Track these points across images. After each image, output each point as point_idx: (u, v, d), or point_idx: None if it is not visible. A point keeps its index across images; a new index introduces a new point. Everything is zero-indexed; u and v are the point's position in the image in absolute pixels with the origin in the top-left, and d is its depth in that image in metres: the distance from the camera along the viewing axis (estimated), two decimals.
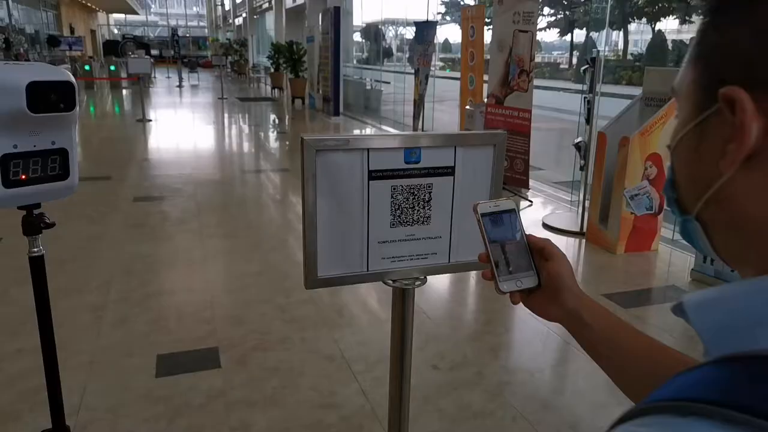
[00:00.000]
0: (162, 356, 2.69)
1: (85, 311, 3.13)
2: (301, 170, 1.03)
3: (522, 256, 0.78)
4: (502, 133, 1.13)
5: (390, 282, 1.15)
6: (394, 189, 1.09)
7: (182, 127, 10.91)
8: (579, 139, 4.66)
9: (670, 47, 14.82)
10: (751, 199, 0.39)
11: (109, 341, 2.83)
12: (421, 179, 1.09)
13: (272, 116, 13.21)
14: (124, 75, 17.23)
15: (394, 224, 1.11)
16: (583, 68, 4.56)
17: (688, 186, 0.45)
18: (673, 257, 4.25)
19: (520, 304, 0.78)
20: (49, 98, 0.99)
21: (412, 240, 1.13)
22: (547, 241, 0.79)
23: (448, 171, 1.10)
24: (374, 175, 1.07)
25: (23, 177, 1.06)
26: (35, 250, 1.26)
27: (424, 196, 1.10)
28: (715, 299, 0.39)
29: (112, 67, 17.10)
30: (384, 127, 11.10)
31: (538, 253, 0.78)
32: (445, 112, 11.52)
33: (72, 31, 25.02)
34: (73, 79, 1.07)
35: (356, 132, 10.97)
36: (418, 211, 1.11)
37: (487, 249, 0.78)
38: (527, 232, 0.79)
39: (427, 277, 1.17)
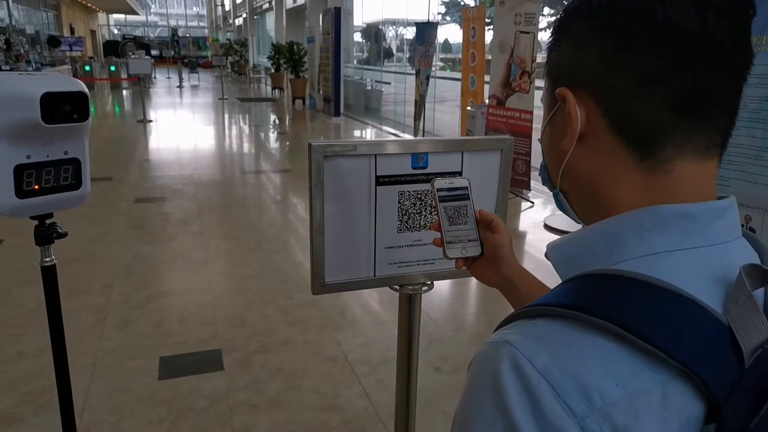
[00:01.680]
0: (165, 358, 2.69)
1: (88, 313, 3.13)
2: (308, 176, 1.03)
3: (470, 228, 0.90)
4: (509, 138, 1.12)
5: (397, 287, 1.15)
6: (401, 194, 1.08)
7: (183, 127, 10.91)
8: None
9: None
10: (584, 168, 0.53)
11: (111, 343, 2.83)
12: (428, 184, 1.09)
13: (273, 117, 13.21)
14: (124, 75, 17.23)
15: (401, 230, 1.11)
16: None
17: (550, 165, 0.58)
18: None
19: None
20: (62, 109, 0.98)
21: (419, 245, 1.13)
22: (495, 216, 0.92)
23: (455, 176, 1.10)
24: (381, 180, 1.06)
25: (36, 187, 1.06)
26: (47, 259, 1.26)
27: (432, 201, 1.10)
28: (567, 240, 0.55)
29: (113, 68, 17.09)
30: (384, 128, 11.10)
31: (486, 225, 0.91)
32: (445, 113, 11.52)
33: (72, 31, 25.01)
34: (86, 90, 1.07)
35: (357, 133, 10.97)
36: (425, 216, 1.11)
37: (440, 219, 0.88)
38: (479, 209, 0.91)
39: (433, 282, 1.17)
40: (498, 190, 1.15)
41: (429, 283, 1.16)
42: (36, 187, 1.04)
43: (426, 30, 7.83)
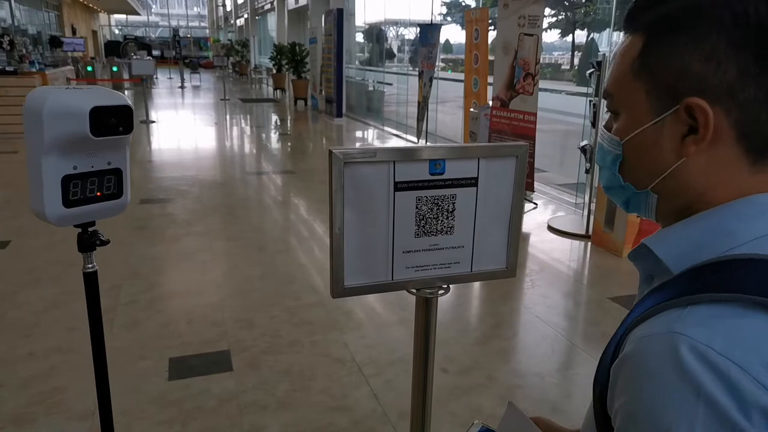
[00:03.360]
0: (174, 359, 2.71)
1: None
2: (328, 182, 1.05)
3: None
4: (524, 145, 1.14)
5: (413, 291, 1.17)
6: (419, 200, 1.10)
7: (186, 128, 10.93)
8: (585, 142, 4.68)
9: None
10: (694, 172, 0.56)
11: (121, 344, 2.85)
12: (445, 190, 1.11)
13: (275, 118, 13.23)
14: (126, 76, 17.25)
15: (418, 234, 1.13)
16: (588, 72, 4.58)
17: (643, 169, 0.60)
18: None
19: (529, 308, 0.89)
20: (109, 122, 1.01)
21: (435, 249, 1.15)
22: (510, 402, 0.92)
23: (472, 182, 1.12)
24: (400, 186, 1.09)
25: (81, 197, 1.09)
26: (89, 266, 1.29)
27: (448, 206, 1.12)
28: (670, 236, 0.58)
29: (115, 68, 17.10)
30: (387, 129, 11.12)
31: None
32: (447, 114, 11.53)
33: (74, 31, 25.03)
34: (130, 103, 1.10)
35: (359, 134, 10.99)
36: (441, 221, 1.13)
37: None
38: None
39: (450, 285, 1.19)
40: (513, 195, 1.17)
41: (445, 286, 1.18)
42: (81, 196, 1.07)
43: (429, 31, 7.85)
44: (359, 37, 15.77)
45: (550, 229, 4.86)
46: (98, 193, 1.11)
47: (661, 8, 0.57)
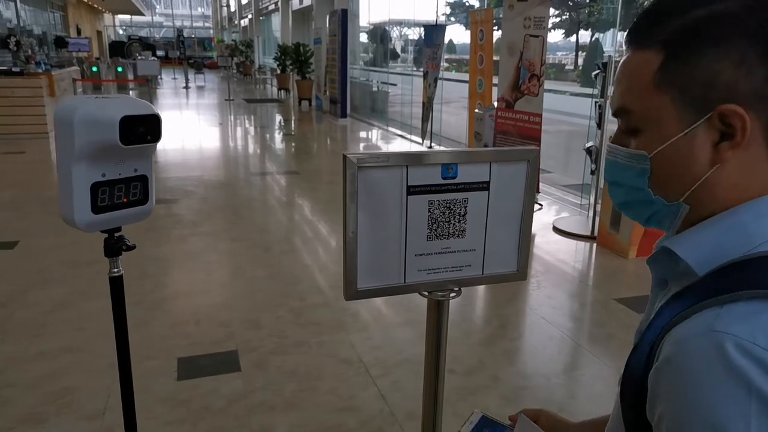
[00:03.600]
0: (182, 359, 2.73)
1: (105, 314, 3.17)
2: (342, 186, 1.07)
3: None
4: (535, 149, 1.16)
5: (425, 294, 1.19)
6: (431, 204, 1.12)
7: (191, 128, 10.97)
8: (590, 143, 4.68)
9: None
10: (725, 177, 0.57)
11: (130, 344, 2.87)
12: (457, 194, 1.13)
13: (279, 118, 13.26)
14: (130, 76, 17.30)
15: (430, 237, 1.14)
16: (594, 73, 4.58)
17: (675, 181, 0.60)
18: None
19: (535, 309, 0.90)
20: (138, 131, 1.03)
21: (447, 253, 1.16)
22: (521, 411, 0.94)
23: (484, 186, 1.14)
24: (412, 190, 1.10)
25: (109, 203, 1.11)
26: (115, 270, 1.32)
27: (460, 210, 1.14)
28: (692, 238, 0.59)
29: (120, 69, 17.17)
30: (391, 129, 11.13)
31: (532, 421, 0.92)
32: (450, 114, 11.55)
33: (78, 32, 25.11)
34: (158, 113, 1.12)
35: (363, 134, 11.01)
36: (453, 224, 1.14)
37: None
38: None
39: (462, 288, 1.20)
40: (523, 199, 1.18)
41: (457, 289, 1.19)
42: (109, 203, 1.10)
43: (434, 32, 7.86)
44: (363, 38, 15.80)
45: (555, 230, 4.87)
46: (125, 200, 1.13)
47: (675, 22, 0.57)
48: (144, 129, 1.05)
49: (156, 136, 1.09)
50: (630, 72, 0.61)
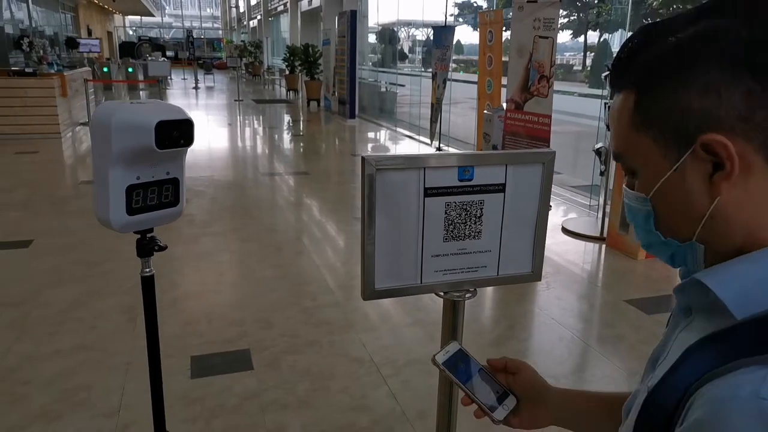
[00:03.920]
0: (196, 357, 2.76)
1: (119, 313, 3.21)
2: (361, 188, 1.09)
3: (492, 384, 0.84)
4: (551, 152, 1.17)
5: (441, 294, 1.20)
6: (448, 205, 1.14)
7: (201, 129, 11.03)
8: (599, 144, 4.68)
9: None
10: (733, 208, 0.52)
11: (144, 343, 2.89)
12: (473, 196, 1.14)
13: (288, 118, 13.31)
14: (141, 77, 17.42)
15: (447, 239, 1.16)
16: (603, 74, 4.58)
17: (679, 218, 0.56)
18: None
19: (545, 310, 0.86)
20: (172, 135, 1.07)
21: (463, 254, 1.18)
22: (503, 358, 0.88)
23: (500, 188, 1.16)
24: (429, 192, 1.12)
25: (143, 205, 1.14)
26: (147, 270, 1.36)
27: (476, 212, 1.16)
28: (731, 273, 0.52)
29: (130, 69, 17.29)
30: (399, 130, 11.15)
31: (502, 372, 0.87)
32: (459, 115, 11.55)
33: (89, 32, 25.31)
34: (191, 117, 1.15)
35: (371, 135, 11.03)
36: (470, 226, 1.16)
37: (466, 392, 0.83)
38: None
39: (477, 289, 1.22)
40: (538, 201, 1.20)
41: (472, 290, 1.21)
42: (143, 204, 1.13)
43: (443, 34, 7.87)
44: (372, 38, 15.82)
45: (565, 231, 4.87)
46: (157, 202, 1.17)
47: (641, 60, 0.56)
48: (178, 133, 1.08)
49: (189, 140, 1.12)
50: (614, 116, 0.60)
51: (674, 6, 19.47)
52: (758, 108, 0.49)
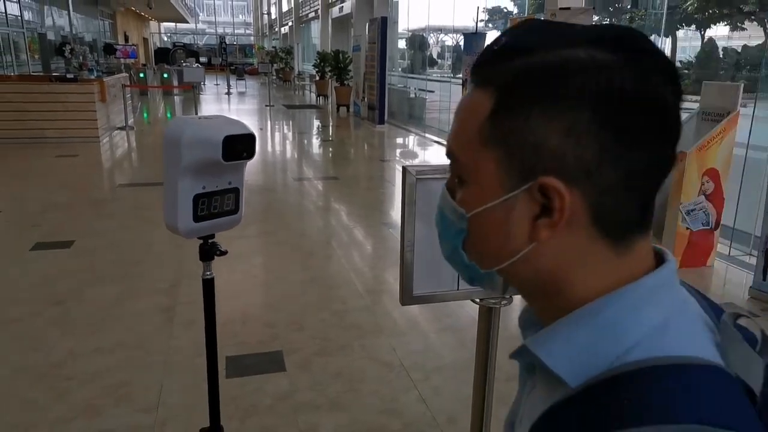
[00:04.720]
0: (230, 358, 2.84)
1: (157, 313, 3.32)
2: (402, 196, 1.13)
3: None
4: None
5: (477, 301, 1.23)
6: None
7: None
8: None
9: (720, 55, 14.44)
10: (548, 257, 0.49)
11: (180, 342, 3.00)
12: None
13: (318, 124, 13.46)
14: (175, 82, 17.85)
15: None
16: None
17: (490, 250, 0.52)
18: (729, 273, 4.18)
19: None
20: (237, 148, 1.14)
21: None
22: None
23: None
24: None
25: (207, 212, 1.22)
26: (208, 273, 1.45)
27: None
28: (553, 339, 0.49)
29: (165, 75, 17.72)
30: (428, 136, 11.18)
31: None
32: None
33: (126, 39, 26.02)
34: (253, 132, 1.21)
35: (400, 141, 11.09)
36: None
37: None
38: None
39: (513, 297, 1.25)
40: None
41: (508, 297, 1.24)
42: (207, 212, 1.21)
43: (473, 40, 7.89)
44: (401, 44, 15.91)
45: None
46: (220, 209, 1.24)
47: (515, 64, 0.48)
48: (241, 147, 1.15)
49: (251, 152, 1.19)
50: (463, 112, 0.52)
51: (710, 11, 19.06)
52: (604, 168, 0.45)
